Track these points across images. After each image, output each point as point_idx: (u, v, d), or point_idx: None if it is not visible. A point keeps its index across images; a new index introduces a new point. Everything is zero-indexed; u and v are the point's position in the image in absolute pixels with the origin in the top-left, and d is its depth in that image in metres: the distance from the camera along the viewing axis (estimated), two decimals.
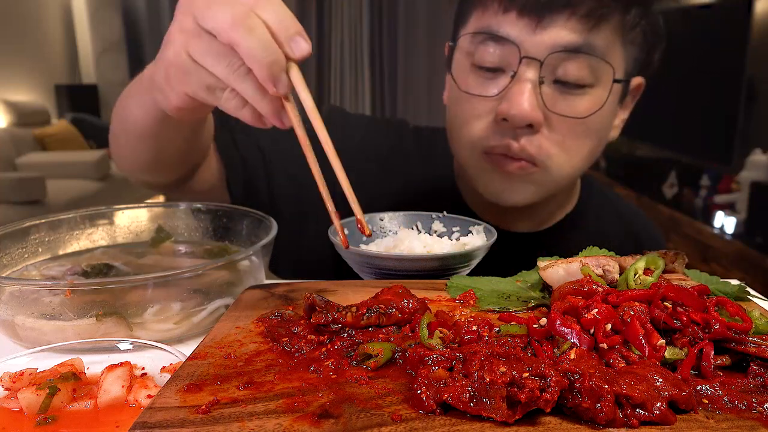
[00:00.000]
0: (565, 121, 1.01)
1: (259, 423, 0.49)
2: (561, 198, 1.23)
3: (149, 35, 7.52)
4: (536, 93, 0.99)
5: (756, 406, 0.52)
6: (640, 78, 1.12)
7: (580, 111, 1.01)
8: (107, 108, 7.45)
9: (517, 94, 0.98)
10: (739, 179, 4.53)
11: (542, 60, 0.98)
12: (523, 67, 0.99)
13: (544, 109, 1.00)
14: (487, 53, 1.01)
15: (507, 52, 1.00)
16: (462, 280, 0.83)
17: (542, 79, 0.99)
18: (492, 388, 0.50)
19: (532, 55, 0.98)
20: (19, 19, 6.48)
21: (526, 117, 0.98)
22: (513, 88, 1.00)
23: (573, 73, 0.99)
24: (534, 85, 0.99)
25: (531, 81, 0.98)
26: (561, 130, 1.02)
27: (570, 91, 1.01)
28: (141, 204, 1.13)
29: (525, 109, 0.98)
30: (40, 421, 0.58)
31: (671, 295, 0.63)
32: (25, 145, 6.06)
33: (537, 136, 1.02)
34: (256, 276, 0.93)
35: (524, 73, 0.99)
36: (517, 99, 0.98)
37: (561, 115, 1.01)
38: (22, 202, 4.88)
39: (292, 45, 0.68)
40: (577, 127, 1.02)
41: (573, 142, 1.04)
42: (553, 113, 1.01)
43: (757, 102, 4.52)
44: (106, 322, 0.78)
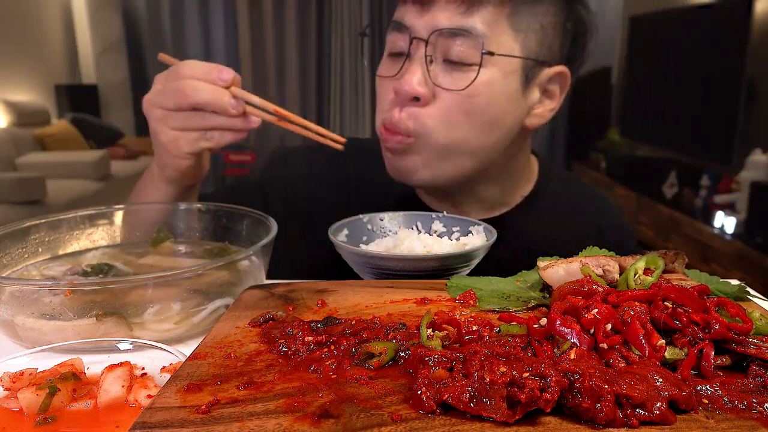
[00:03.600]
0: (451, 96, 1.10)
1: (259, 423, 0.49)
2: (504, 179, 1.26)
3: (149, 35, 7.52)
4: (423, 70, 1.09)
5: (756, 406, 0.52)
6: (561, 67, 1.16)
7: (462, 84, 1.09)
8: (107, 108, 7.45)
9: (407, 71, 1.10)
10: (739, 179, 4.53)
11: (426, 39, 1.08)
12: (414, 47, 1.10)
13: (431, 85, 1.10)
14: (392, 40, 1.15)
15: (404, 37, 1.12)
16: (462, 280, 0.83)
17: (430, 57, 1.09)
18: (492, 388, 0.50)
19: (420, 36, 1.09)
20: (19, 19, 6.48)
21: (411, 90, 1.09)
22: (407, 67, 1.11)
23: (455, 52, 1.08)
24: (421, 62, 1.09)
25: (419, 59, 1.09)
26: (447, 104, 1.11)
27: (456, 68, 1.10)
28: (141, 204, 1.13)
29: (412, 83, 1.08)
30: (40, 421, 0.58)
31: (671, 296, 0.63)
32: (25, 145, 6.06)
33: (421, 110, 1.11)
34: (256, 276, 0.93)
35: (414, 52, 1.10)
36: (407, 76, 1.09)
37: (442, 88, 1.10)
38: (22, 202, 4.88)
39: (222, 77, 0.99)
40: (462, 101, 1.10)
41: (457, 115, 1.11)
42: (438, 87, 1.10)
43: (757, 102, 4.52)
44: (106, 322, 0.78)
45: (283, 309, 0.75)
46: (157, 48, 7.54)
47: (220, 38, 7.48)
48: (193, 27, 7.46)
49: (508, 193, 1.28)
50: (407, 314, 0.73)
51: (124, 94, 7.55)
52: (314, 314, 0.74)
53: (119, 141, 7.02)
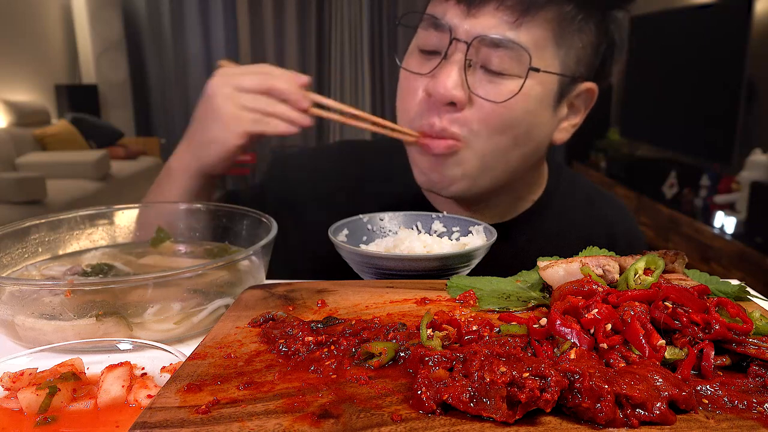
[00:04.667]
0: (487, 105, 1.07)
1: (259, 423, 0.49)
2: (519, 187, 1.25)
3: (149, 35, 7.52)
4: (461, 74, 1.06)
5: (756, 406, 0.52)
6: (591, 83, 1.15)
7: (500, 95, 1.07)
8: (107, 108, 7.45)
9: (444, 73, 1.06)
10: (739, 179, 4.53)
11: (469, 43, 1.05)
12: (453, 48, 1.06)
13: (467, 91, 1.07)
14: (427, 36, 1.10)
15: (442, 36, 1.07)
16: (462, 280, 0.83)
17: (469, 62, 1.06)
18: (492, 388, 0.50)
19: (461, 38, 1.05)
20: (19, 19, 6.48)
21: (447, 94, 1.05)
22: (442, 68, 1.07)
23: (497, 61, 1.05)
24: (460, 66, 1.06)
25: (458, 62, 1.06)
26: (485, 112, 1.07)
27: (493, 78, 1.07)
28: (141, 204, 1.13)
29: (447, 86, 1.05)
30: (40, 421, 0.58)
31: (671, 296, 0.63)
32: (25, 145, 6.06)
33: (460, 114, 1.08)
34: (256, 276, 0.93)
35: (453, 54, 1.06)
36: (442, 77, 1.06)
37: (480, 97, 1.07)
38: (22, 202, 4.88)
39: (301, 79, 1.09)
40: (497, 113, 1.07)
41: (493, 127, 1.09)
42: (475, 95, 1.07)
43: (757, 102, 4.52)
44: (106, 322, 0.78)
45: (283, 309, 0.75)
46: (157, 48, 7.55)
47: (220, 38, 7.49)
48: (193, 27, 7.46)
49: (520, 199, 1.27)
50: (407, 314, 0.73)
51: (124, 94, 7.56)
52: (314, 314, 0.74)
53: (119, 141, 7.03)
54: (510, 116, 1.08)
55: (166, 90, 7.66)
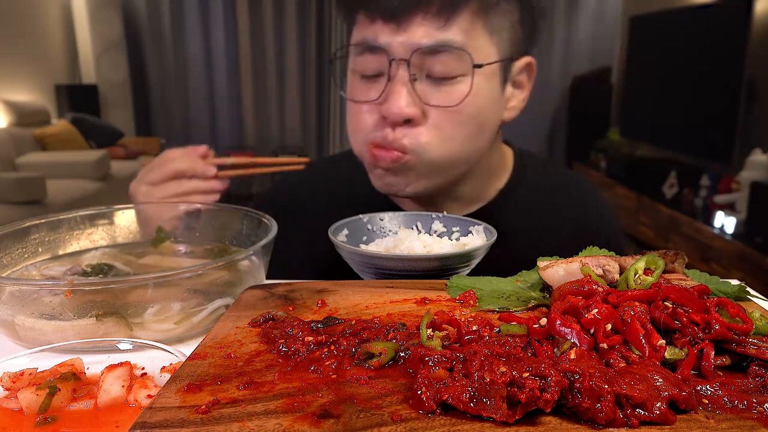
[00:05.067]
0: (442, 111, 1.10)
1: (259, 423, 0.49)
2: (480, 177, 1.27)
3: (149, 35, 7.52)
4: (409, 90, 1.08)
5: (756, 406, 0.52)
6: (528, 57, 1.19)
7: (452, 99, 1.09)
8: (107, 108, 7.45)
9: (393, 95, 1.08)
10: (739, 179, 4.52)
11: (408, 59, 1.06)
12: (395, 68, 1.08)
13: (420, 104, 1.09)
14: (365, 62, 1.12)
15: (381, 58, 1.09)
16: (462, 280, 0.83)
17: (414, 76, 1.08)
18: (492, 388, 0.50)
19: (400, 56, 1.07)
20: (19, 19, 6.48)
21: (400, 113, 1.07)
22: (390, 89, 1.09)
23: (439, 67, 1.08)
24: (406, 83, 1.08)
25: (403, 80, 1.08)
26: (438, 119, 1.11)
27: (441, 83, 1.09)
28: (141, 204, 1.13)
29: (401, 106, 1.07)
30: (40, 421, 0.58)
31: (671, 296, 0.63)
32: (25, 145, 6.05)
33: (415, 129, 1.10)
34: (256, 276, 0.93)
35: (396, 74, 1.08)
36: (393, 99, 1.08)
37: (434, 105, 1.09)
38: (22, 202, 4.88)
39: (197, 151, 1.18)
40: (454, 115, 1.11)
41: (450, 129, 1.12)
42: (429, 106, 1.09)
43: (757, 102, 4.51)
44: (106, 322, 0.78)
45: (283, 309, 0.75)
46: (157, 48, 7.54)
47: (220, 38, 7.48)
48: (193, 27, 7.46)
49: (485, 187, 1.29)
50: (407, 314, 0.73)
51: (124, 94, 7.55)
52: (314, 314, 0.74)
53: (119, 141, 7.02)
54: (464, 116, 1.11)
55: (166, 90, 7.66)
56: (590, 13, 7.13)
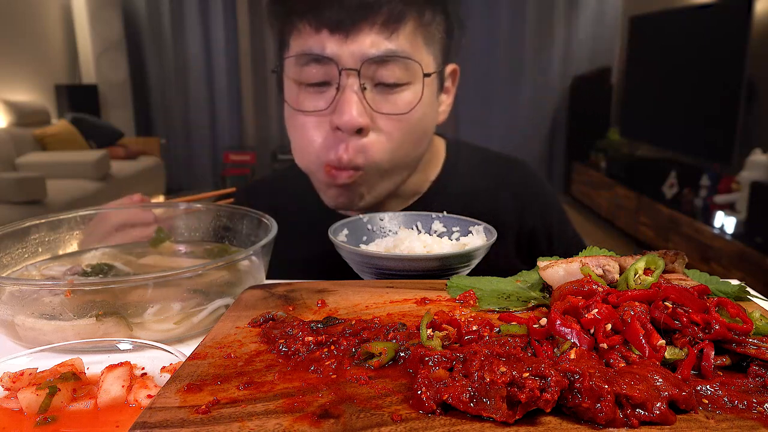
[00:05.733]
0: (390, 119, 1.12)
1: (259, 423, 0.49)
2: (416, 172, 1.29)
3: (149, 35, 7.52)
4: (360, 99, 1.09)
5: (756, 406, 0.52)
6: (453, 65, 1.24)
7: (402, 107, 1.12)
8: (107, 108, 7.45)
9: (344, 104, 1.09)
10: (739, 179, 4.53)
11: (359, 69, 1.08)
12: (344, 78, 1.09)
13: (370, 112, 1.10)
14: (311, 72, 1.11)
15: (328, 68, 1.09)
16: (462, 280, 0.83)
17: (363, 85, 1.09)
18: (492, 388, 0.50)
19: (350, 66, 1.08)
20: (19, 19, 6.48)
21: (354, 124, 1.08)
22: (340, 98, 1.10)
23: (388, 76, 1.09)
24: (357, 92, 1.09)
25: (353, 89, 1.09)
26: (387, 127, 1.12)
27: (390, 91, 1.11)
28: (141, 204, 1.13)
29: (353, 116, 1.08)
30: (40, 421, 0.58)
31: (671, 296, 0.63)
32: (25, 145, 6.05)
33: (365, 140, 1.11)
34: (256, 276, 0.93)
35: (346, 83, 1.09)
36: (345, 108, 1.08)
37: (385, 114, 1.11)
38: (22, 202, 4.88)
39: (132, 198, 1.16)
40: (402, 122, 1.13)
41: (399, 135, 1.14)
42: (378, 114, 1.11)
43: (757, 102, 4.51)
44: (106, 322, 0.78)
45: (283, 309, 0.75)
46: (157, 48, 7.55)
47: (220, 38, 7.48)
48: (193, 27, 7.46)
49: (420, 180, 1.31)
50: (407, 314, 0.73)
51: (124, 94, 7.55)
52: (314, 314, 0.74)
53: (119, 141, 7.02)
54: (411, 123, 1.14)
55: (166, 90, 7.66)
56: (590, 13, 7.13)
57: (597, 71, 7.06)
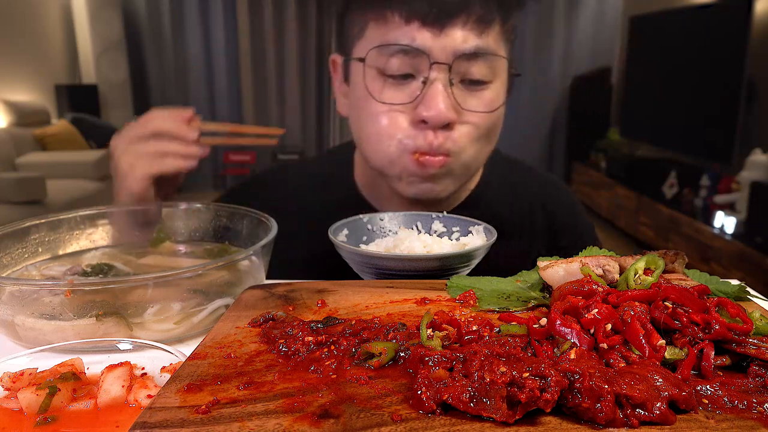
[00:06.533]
0: (476, 116, 1.12)
1: (259, 423, 0.49)
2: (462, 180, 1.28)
3: (149, 35, 7.52)
4: (448, 94, 1.08)
5: (756, 406, 0.52)
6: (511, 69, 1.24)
7: (488, 105, 1.12)
8: (107, 108, 7.45)
9: (432, 98, 1.07)
10: (739, 179, 4.53)
11: (450, 63, 1.07)
12: (434, 72, 1.08)
13: (456, 108, 1.10)
14: (397, 63, 1.09)
15: (416, 60, 1.08)
16: (462, 280, 0.83)
17: (451, 80, 1.09)
18: (492, 388, 0.50)
19: (441, 60, 1.07)
20: (19, 19, 6.48)
21: (443, 117, 1.07)
22: (427, 92, 1.09)
23: (476, 72, 1.09)
24: (445, 86, 1.08)
25: (442, 83, 1.08)
26: (472, 124, 1.12)
27: (475, 89, 1.11)
28: (141, 204, 1.13)
29: (441, 110, 1.07)
30: (40, 421, 0.58)
31: (671, 296, 0.63)
32: (25, 145, 6.05)
33: (452, 132, 1.11)
34: (256, 276, 0.93)
35: (435, 77, 1.08)
36: (432, 102, 1.07)
37: (472, 111, 1.11)
38: (22, 202, 4.88)
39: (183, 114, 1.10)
40: (486, 120, 1.13)
41: (483, 133, 1.14)
42: (465, 110, 1.11)
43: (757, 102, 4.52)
44: (106, 322, 0.78)
45: (283, 309, 0.75)
46: (157, 48, 7.54)
47: (220, 38, 7.49)
48: (193, 27, 7.46)
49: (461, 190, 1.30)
50: (407, 314, 0.73)
51: (124, 94, 7.55)
52: (314, 314, 0.74)
53: None
54: (494, 121, 1.14)
55: (166, 90, 7.66)
56: (590, 13, 7.13)
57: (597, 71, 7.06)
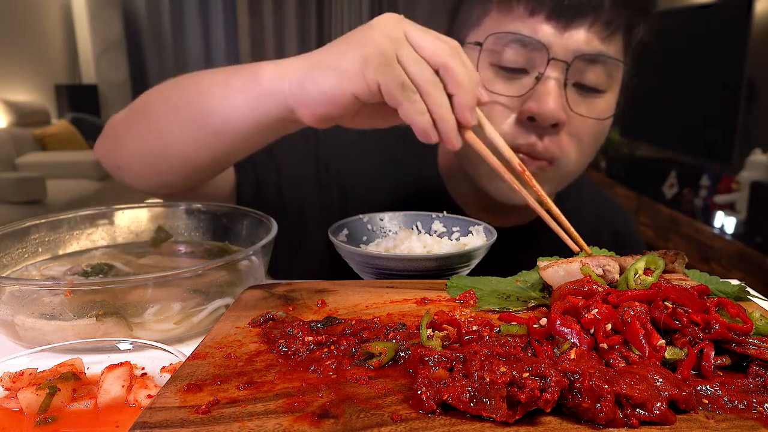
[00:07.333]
0: (584, 122, 1.07)
1: (259, 423, 0.49)
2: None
3: (149, 35, 7.52)
4: (561, 94, 1.03)
5: (756, 406, 0.52)
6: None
7: (599, 113, 1.07)
8: (107, 108, 7.45)
9: (545, 94, 1.02)
10: (739, 179, 4.53)
11: (569, 62, 1.02)
12: (550, 68, 1.03)
13: (567, 110, 1.05)
14: (513, 54, 1.04)
15: (534, 54, 1.03)
16: (462, 280, 0.83)
17: (567, 81, 1.03)
18: (492, 388, 0.50)
19: (560, 58, 1.02)
20: (19, 19, 6.48)
21: (554, 116, 1.02)
22: (539, 88, 1.03)
23: (593, 77, 1.05)
24: (559, 86, 1.03)
25: (557, 82, 1.03)
26: (579, 130, 1.07)
27: (588, 95, 1.06)
28: (141, 204, 1.13)
29: (552, 108, 1.01)
30: (40, 421, 0.58)
31: (671, 296, 0.63)
32: (25, 145, 6.06)
33: (558, 136, 1.06)
34: (256, 276, 0.93)
35: (551, 74, 1.03)
36: (545, 99, 1.02)
37: (583, 116, 1.06)
38: (22, 202, 4.88)
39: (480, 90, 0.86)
40: (593, 129, 1.08)
41: (588, 142, 1.10)
42: (575, 114, 1.05)
43: (757, 102, 4.52)
44: (106, 322, 0.78)
45: (283, 309, 0.75)
46: (157, 48, 7.55)
47: (220, 38, 7.49)
48: (193, 27, 7.46)
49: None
50: (407, 314, 0.73)
51: (124, 94, 7.55)
52: (314, 314, 0.74)
53: None
54: (601, 130, 1.09)
55: None
56: None
57: None
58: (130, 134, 1.06)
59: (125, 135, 1.07)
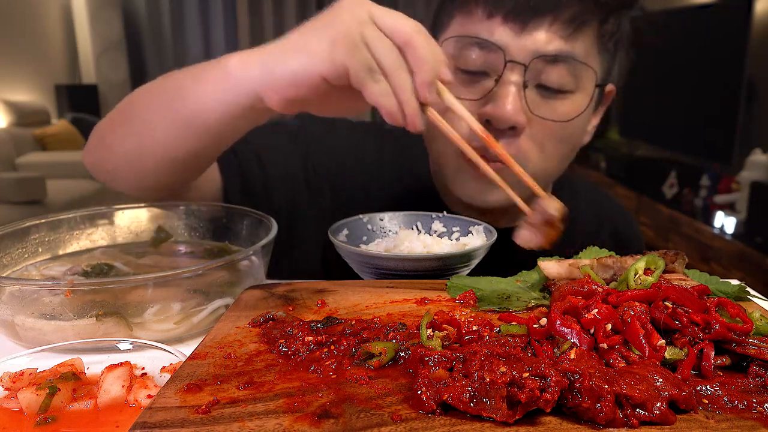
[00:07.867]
0: (546, 125, 1.04)
1: (259, 423, 0.49)
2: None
3: (149, 35, 7.52)
4: (520, 96, 1.01)
5: (756, 406, 0.52)
6: (612, 85, 1.15)
7: (562, 115, 1.04)
8: (107, 108, 7.44)
9: (502, 97, 1.00)
10: (739, 179, 4.53)
11: (527, 64, 1.00)
12: (508, 71, 1.01)
13: (527, 113, 1.02)
14: (471, 57, 1.03)
15: (492, 57, 1.02)
16: (462, 280, 0.83)
17: (526, 83, 1.01)
18: (492, 388, 0.50)
19: (518, 60, 1.00)
20: (19, 19, 6.48)
21: (510, 119, 1.00)
22: (498, 91, 1.01)
23: (555, 78, 1.01)
24: (518, 88, 1.01)
25: (515, 84, 1.01)
26: (541, 133, 1.05)
27: (552, 96, 1.03)
28: (141, 204, 1.13)
29: (509, 111, 1.00)
30: (40, 421, 0.58)
31: (671, 296, 0.63)
32: (25, 145, 6.06)
33: (517, 138, 1.04)
34: (256, 276, 0.93)
35: (509, 76, 1.01)
36: (501, 102, 1.00)
37: (544, 118, 1.03)
38: (22, 202, 4.88)
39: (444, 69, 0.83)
40: (558, 131, 1.05)
41: (551, 145, 1.06)
42: (535, 116, 1.03)
43: (757, 102, 4.52)
44: (106, 322, 0.78)
45: (283, 309, 0.75)
46: (157, 48, 7.54)
47: (220, 38, 7.48)
48: (193, 27, 7.46)
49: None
50: (407, 314, 0.73)
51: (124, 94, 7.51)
52: (314, 314, 0.74)
53: None
54: (566, 133, 1.06)
55: None
56: None
57: None
58: (114, 135, 1.06)
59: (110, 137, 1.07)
